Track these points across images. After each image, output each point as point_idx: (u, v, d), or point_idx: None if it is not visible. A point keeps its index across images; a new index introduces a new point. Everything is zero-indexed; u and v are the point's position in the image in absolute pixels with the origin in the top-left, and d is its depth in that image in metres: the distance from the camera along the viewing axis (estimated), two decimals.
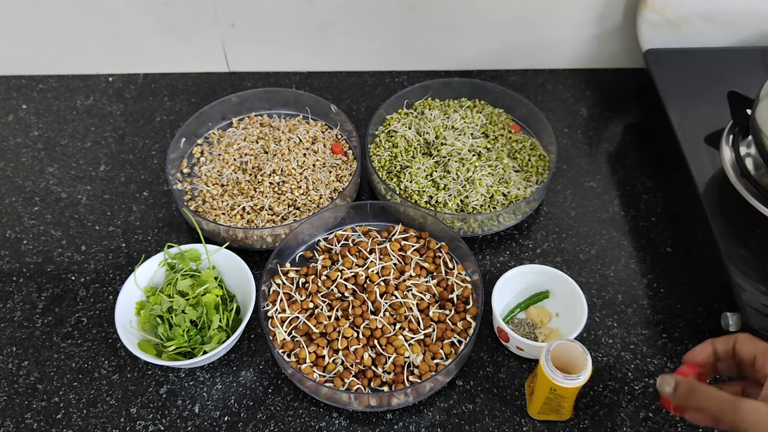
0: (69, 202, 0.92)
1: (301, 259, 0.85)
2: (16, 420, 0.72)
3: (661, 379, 0.58)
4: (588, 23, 1.02)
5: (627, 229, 0.88)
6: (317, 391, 0.71)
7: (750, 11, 0.95)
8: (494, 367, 0.76)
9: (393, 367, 0.73)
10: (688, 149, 0.84)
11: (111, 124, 1.02)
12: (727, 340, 0.58)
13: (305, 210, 0.87)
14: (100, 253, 0.86)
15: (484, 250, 0.86)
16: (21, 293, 0.82)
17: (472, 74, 1.09)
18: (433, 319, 0.77)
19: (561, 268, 0.79)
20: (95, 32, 1.03)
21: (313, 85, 1.08)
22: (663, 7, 0.94)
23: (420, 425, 0.71)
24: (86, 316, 0.80)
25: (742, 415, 0.51)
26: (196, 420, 0.72)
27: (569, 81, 1.08)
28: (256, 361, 0.76)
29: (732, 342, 0.58)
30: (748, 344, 0.57)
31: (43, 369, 0.76)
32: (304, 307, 0.77)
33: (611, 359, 0.76)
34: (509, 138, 0.94)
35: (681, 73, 0.94)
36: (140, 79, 1.08)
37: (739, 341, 0.58)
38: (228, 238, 0.84)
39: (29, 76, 1.09)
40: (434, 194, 0.86)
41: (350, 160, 0.94)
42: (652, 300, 0.81)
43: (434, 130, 0.93)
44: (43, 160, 0.97)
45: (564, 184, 0.94)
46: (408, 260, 0.81)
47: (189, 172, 0.94)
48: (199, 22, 1.01)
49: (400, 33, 1.04)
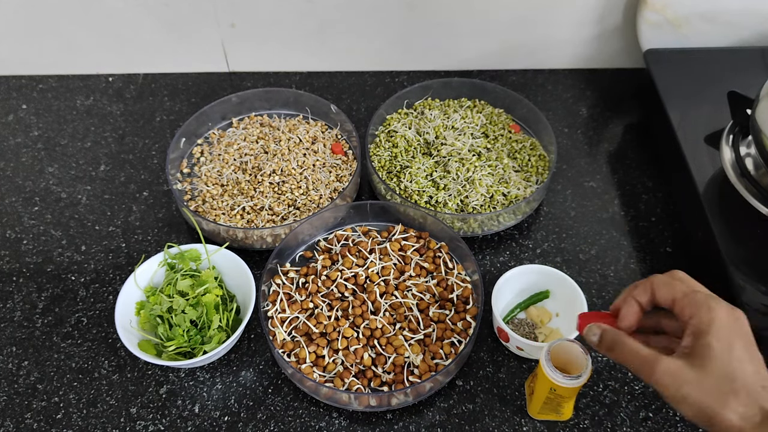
0: (69, 202, 0.92)
1: (301, 259, 0.85)
2: (16, 420, 0.72)
3: (588, 328, 0.56)
4: (588, 23, 1.02)
5: (627, 229, 0.88)
6: (317, 391, 0.71)
7: (750, 11, 0.95)
8: (494, 367, 0.76)
9: (393, 367, 0.73)
10: (688, 149, 0.84)
11: (111, 124, 1.02)
12: (646, 289, 0.54)
13: (305, 210, 0.87)
14: (100, 253, 0.86)
15: (484, 250, 0.86)
16: (21, 293, 0.82)
17: (472, 74, 1.09)
18: (433, 319, 0.77)
19: (561, 268, 0.79)
20: (95, 32, 1.03)
21: (313, 85, 1.08)
22: (663, 7, 0.94)
23: (420, 425, 0.71)
24: (86, 316, 0.80)
25: (656, 378, 0.49)
26: (196, 420, 0.72)
27: (569, 81, 1.08)
28: (256, 361, 0.76)
29: (650, 289, 0.54)
30: (665, 289, 0.53)
31: (43, 369, 0.76)
32: (304, 307, 0.77)
33: (611, 359, 0.76)
34: (509, 138, 0.94)
35: (681, 73, 0.94)
36: (140, 79, 1.08)
37: (655, 286, 0.53)
38: (228, 238, 0.84)
39: (29, 76, 1.09)
40: (434, 194, 0.86)
41: (350, 160, 0.94)
42: None
43: (434, 130, 0.93)
44: (43, 160, 0.97)
45: (564, 184, 0.94)
46: (408, 260, 0.81)
47: (189, 172, 0.94)
48: (199, 22, 1.01)
49: (400, 33, 1.04)
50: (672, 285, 0.53)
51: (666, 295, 0.53)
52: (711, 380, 0.48)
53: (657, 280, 0.54)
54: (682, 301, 0.52)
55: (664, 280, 0.54)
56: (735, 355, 0.48)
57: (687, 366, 0.49)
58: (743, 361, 0.48)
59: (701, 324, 0.50)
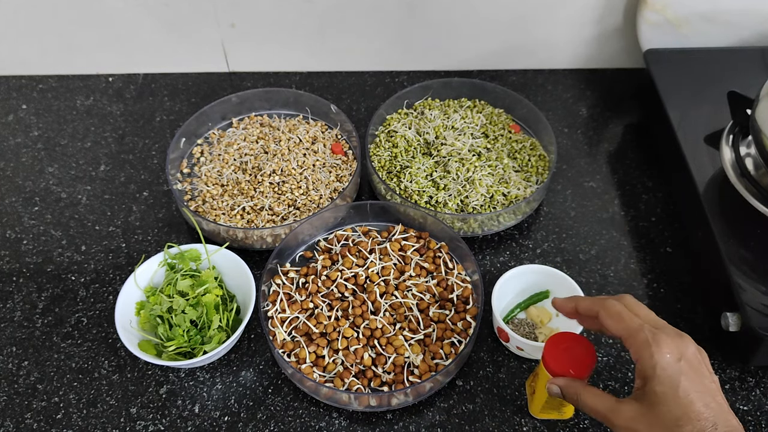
0: (69, 202, 0.92)
1: (301, 259, 0.85)
2: (16, 420, 0.72)
3: (548, 387, 0.60)
4: (588, 23, 1.02)
5: (627, 229, 0.88)
6: (317, 391, 0.71)
7: (750, 11, 0.95)
8: (494, 367, 0.76)
9: (393, 367, 0.73)
10: (688, 149, 0.84)
11: (111, 124, 1.02)
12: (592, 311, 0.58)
13: (305, 210, 0.87)
14: (100, 253, 0.86)
15: (484, 250, 0.86)
16: (21, 293, 0.82)
17: (472, 74, 1.09)
18: (433, 319, 0.77)
19: (561, 268, 0.79)
20: (95, 32, 1.03)
21: (313, 85, 1.08)
22: (663, 7, 0.94)
23: (420, 425, 0.71)
24: (86, 316, 0.80)
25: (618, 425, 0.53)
26: (196, 420, 0.72)
27: (569, 81, 1.08)
28: (256, 361, 0.76)
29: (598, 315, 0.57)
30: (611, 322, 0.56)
31: (43, 369, 0.76)
32: (304, 307, 0.77)
33: (611, 359, 0.76)
34: (509, 138, 0.94)
35: (681, 73, 0.94)
36: (140, 79, 1.08)
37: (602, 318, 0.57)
38: (228, 238, 0.84)
39: (29, 76, 1.09)
40: (434, 194, 0.86)
41: (350, 160, 0.94)
42: (652, 300, 0.81)
43: (434, 130, 0.93)
44: (43, 160, 0.97)
45: (564, 184, 0.94)
46: (408, 260, 0.81)
47: (189, 172, 0.94)
48: (199, 22, 1.01)
49: (400, 33, 1.04)
50: (620, 318, 0.55)
51: (613, 328, 0.56)
52: (661, 425, 0.50)
53: (604, 313, 0.56)
54: (627, 341, 0.54)
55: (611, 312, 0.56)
56: (680, 396, 0.50)
57: (641, 409, 0.52)
58: (691, 402, 0.50)
59: (646, 369, 0.52)
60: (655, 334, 0.52)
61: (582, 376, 0.60)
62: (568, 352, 0.61)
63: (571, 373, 0.60)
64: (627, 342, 0.54)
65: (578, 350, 0.61)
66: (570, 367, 0.60)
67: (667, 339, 0.52)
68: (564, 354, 0.61)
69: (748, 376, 0.74)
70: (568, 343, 0.61)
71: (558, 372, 0.61)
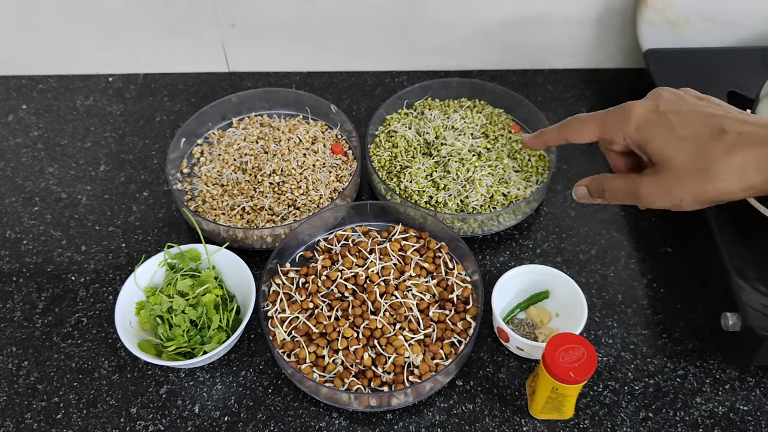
0: (69, 202, 0.92)
1: (301, 259, 0.85)
2: (16, 420, 0.72)
3: (574, 190, 0.62)
4: (588, 23, 1.02)
5: (627, 229, 0.88)
6: (317, 391, 0.71)
7: (750, 11, 0.95)
8: (494, 367, 0.76)
9: (393, 368, 0.73)
10: None
11: (111, 124, 1.02)
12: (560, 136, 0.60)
13: (305, 210, 0.87)
14: (100, 253, 0.86)
15: (484, 250, 0.86)
16: (21, 293, 0.82)
17: (472, 74, 1.09)
18: (433, 319, 0.77)
19: (561, 268, 0.79)
20: (95, 32, 1.03)
21: (313, 85, 1.08)
22: (663, 7, 0.94)
23: (420, 425, 0.71)
24: (86, 316, 0.80)
25: (642, 199, 0.55)
26: (196, 420, 0.72)
27: (569, 81, 1.08)
28: (256, 361, 0.76)
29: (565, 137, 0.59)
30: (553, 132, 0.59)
31: (43, 369, 0.76)
32: (304, 307, 0.77)
33: (611, 359, 0.76)
34: (509, 138, 0.94)
35: (681, 73, 0.93)
36: (140, 79, 1.08)
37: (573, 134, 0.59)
38: (228, 238, 0.84)
39: (29, 76, 1.09)
40: (434, 194, 0.86)
41: (350, 160, 0.94)
42: (652, 300, 0.81)
43: (434, 130, 0.93)
44: (43, 160, 0.97)
45: (564, 184, 0.94)
46: (408, 260, 0.81)
47: (189, 172, 0.94)
48: (199, 22, 1.01)
49: (400, 33, 1.04)
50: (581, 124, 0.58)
51: (582, 137, 0.59)
52: (684, 167, 0.52)
53: (569, 133, 0.60)
54: (600, 135, 0.57)
55: (571, 127, 0.59)
56: (675, 137, 0.52)
57: (656, 169, 0.53)
58: (689, 134, 0.52)
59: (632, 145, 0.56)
60: (619, 109, 0.56)
61: (582, 377, 0.60)
62: (569, 353, 0.61)
63: (571, 375, 0.60)
64: (601, 134, 0.57)
65: (579, 351, 0.61)
66: (570, 368, 0.60)
67: (633, 103, 0.56)
68: (564, 355, 0.61)
69: (748, 376, 0.74)
70: (568, 344, 0.62)
71: (558, 373, 0.61)
